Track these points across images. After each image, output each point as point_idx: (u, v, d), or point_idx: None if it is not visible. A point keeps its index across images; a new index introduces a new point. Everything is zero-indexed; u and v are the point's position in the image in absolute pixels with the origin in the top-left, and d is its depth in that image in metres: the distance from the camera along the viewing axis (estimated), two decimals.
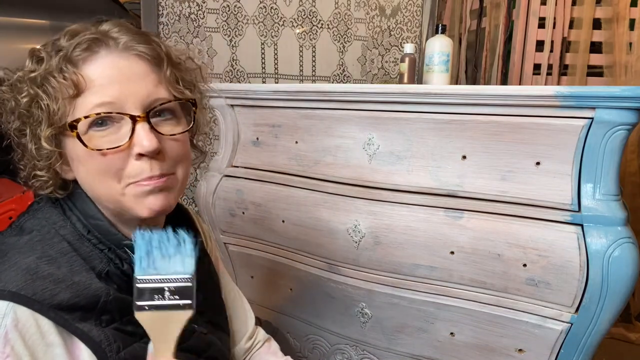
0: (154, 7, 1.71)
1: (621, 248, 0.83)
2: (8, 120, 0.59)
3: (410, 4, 1.94)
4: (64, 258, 0.56)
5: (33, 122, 0.57)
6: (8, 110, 0.59)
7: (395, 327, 1.10)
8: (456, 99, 0.93)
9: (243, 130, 1.28)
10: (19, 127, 0.59)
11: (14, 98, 0.58)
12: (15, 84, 0.58)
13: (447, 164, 0.98)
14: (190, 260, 0.53)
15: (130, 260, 0.59)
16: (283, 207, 1.18)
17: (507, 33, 1.92)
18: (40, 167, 0.59)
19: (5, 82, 0.58)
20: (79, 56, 0.56)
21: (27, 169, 0.60)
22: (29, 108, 0.57)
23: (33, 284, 0.52)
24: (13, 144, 0.61)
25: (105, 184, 0.58)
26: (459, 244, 0.97)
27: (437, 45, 1.23)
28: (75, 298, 0.54)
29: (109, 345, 0.57)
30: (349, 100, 1.05)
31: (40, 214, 0.61)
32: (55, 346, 0.53)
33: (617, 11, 1.74)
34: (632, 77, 1.73)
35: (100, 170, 0.57)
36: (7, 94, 0.59)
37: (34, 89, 0.56)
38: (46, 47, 0.58)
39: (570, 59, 1.83)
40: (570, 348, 0.92)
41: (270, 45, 1.85)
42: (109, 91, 0.55)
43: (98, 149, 0.55)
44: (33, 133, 0.57)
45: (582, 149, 0.86)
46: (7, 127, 0.59)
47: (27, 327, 0.51)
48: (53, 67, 0.56)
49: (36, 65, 0.58)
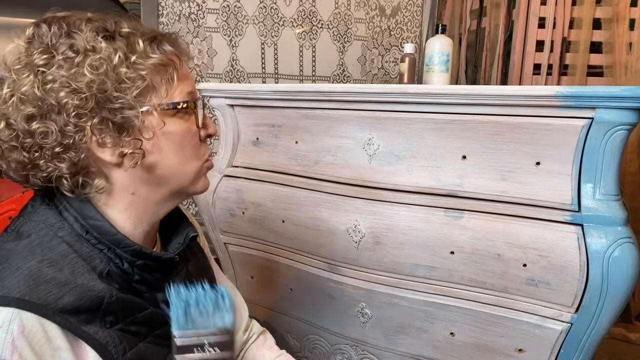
0: (154, 7, 1.71)
1: (621, 248, 0.83)
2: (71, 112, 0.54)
3: (410, 4, 1.94)
4: (65, 260, 0.56)
5: (116, 104, 0.55)
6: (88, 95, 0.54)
7: (395, 327, 1.10)
8: (456, 99, 0.93)
9: (243, 130, 1.28)
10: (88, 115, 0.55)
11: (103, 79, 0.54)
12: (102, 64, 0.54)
13: (447, 164, 0.98)
14: (229, 315, 0.53)
15: (129, 260, 0.60)
16: (283, 207, 1.18)
17: (507, 33, 1.92)
18: (75, 162, 0.56)
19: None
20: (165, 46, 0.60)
21: (51, 169, 0.56)
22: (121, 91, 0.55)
23: (37, 288, 0.52)
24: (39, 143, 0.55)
25: (189, 164, 0.63)
26: (459, 244, 0.97)
27: (437, 45, 1.23)
28: (80, 300, 0.54)
29: (115, 347, 0.56)
30: (349, 100, 1.05)
31: (36, 216, 0.59)
32: (62, 350, 0.53)
33: (617, 11, 1.74)
34: (632, 77, 1.73)
35: (191, 150, 0.63)
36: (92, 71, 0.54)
37: (143, 71, 0.56)
38: (95, 28, 0.56)
39: (570, 59, 1.83)
40: (570, 348, 0.92)
41: (270, 45, 1.85)
42: (190, 82, 0.62)
43: (205, 133, 0.64)
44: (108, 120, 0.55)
45: (582, 149, 0.86)
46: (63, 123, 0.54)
47: (33, 332, 0.50)
48: (140, 50, 0.57)
49: (120, 45, 0.56)
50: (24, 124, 0.53)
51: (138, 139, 0.57)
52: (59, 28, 0.55)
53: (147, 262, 0.62)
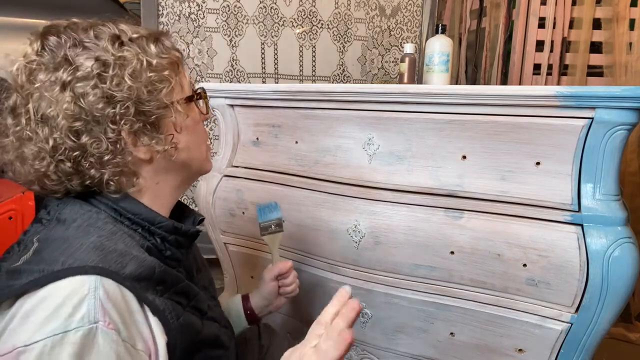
0: (154, 7, 1.71)
1: (621, 248, 0.83)
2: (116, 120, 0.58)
3: (410, 4, 1.94)
4: (116, 236, 0.59)
5: (146, 104, 0.59)
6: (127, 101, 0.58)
7: (395, 327, 1.10)
8: (456, 99, 0.93)
9: (243, 130, 1.28)
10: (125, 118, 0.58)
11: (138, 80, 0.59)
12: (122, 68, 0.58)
13: (447, 164, 0.98)
14: (278, 211, 1.01)
15: (162, 236, 0.65)
16: (283, 207, 1.17)
17: (507, 33, 1.92)
18: (119, 160, 0.60)
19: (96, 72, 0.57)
20: (165, 43, 0.64)
21: (98, 174, 0.59)
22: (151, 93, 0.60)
23: (105, 258, 0.54)
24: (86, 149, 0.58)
25: (202, 148, 0.71)
26: (459, 244, 0.97)
27: (437, 45, 1.23)
28: (139, 269, 0.57)
29: (169, 313, 0.59)
30: (349, 100, 1.05)
31: (70, 206, 0.61)
32: (137, 313, 0.55)
33: (617, 11, 1.74)
34: (632, 77, 1.73)
35: (201, 134, 0.71)
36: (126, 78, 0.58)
37: (165, 72, 0.61)
38: (101, 36, 0.59)
39: (570, 59, 1.83)
40: (570, 348, 0.92)
41: (270, 45, 1.85)
42: (185, 74, 0.68)
43: (204, 117, 0.70)
44: (141, 119, 0.60)
45: (582, 149, 0.86)
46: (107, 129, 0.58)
47: (115, 296, 0.53)
48: (153, 52, 0.61)
49: (133, 49, 0.59)
50: (72, 138, 0.56)
51: (171, 134, 0.63)
52: (69, 38, 0.57)
53: (177, 237, 0.67)
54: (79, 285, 0.51)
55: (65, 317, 0.49)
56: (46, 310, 0.49)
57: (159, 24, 1.73)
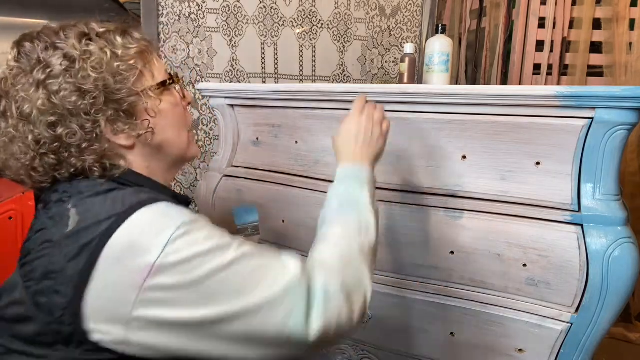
0: (154, 7, 1.71)
1: (621, 248, 0.83)
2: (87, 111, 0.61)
3: (410, 4, 1.94)
4: (152, 193, 0.64)
5: (118, 95, 0.63)
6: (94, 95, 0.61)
7: (395, 327, 1.10)
8: (456, 99, 0.93)
9: (243, 130, 1.28)
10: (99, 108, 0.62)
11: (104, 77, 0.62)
12: (96, 65, 0.62)
13: (447, 164, 0.98)
14: (255, 215, 1.07)
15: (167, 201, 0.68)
16: (283, 207, 1.17)
17: (507, 33, 1.92)
18: (101, 149, 0.64)
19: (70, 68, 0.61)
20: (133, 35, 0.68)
21: (80, 162, 0.63)
22: (118, 84, 0.63)
23: (148, 197, 0.60)
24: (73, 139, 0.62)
25: (181, 132, 0.73)
26: (459, 244, 0.97)
27: (437, 45, 1.22)
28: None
29: None
30: (349, 100, 1.05)
31: (84, 182, 0.64)
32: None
33: (617, 11, 1.74)
34: (632, 77, 1.73)
35: (181, 120, 0.73)
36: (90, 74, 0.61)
37: (131, 61, 0.65)
38: (70, 34, 0.63)
39: (570, 59, 1.83)
40: (570, 348, 0.91)
41: (270, 45, 1.85)
42: (161, 61, 0.71)
43: (186, 102, 0.74)
44: (115, 109, 0.63)
45: (582, 149, 0.86)
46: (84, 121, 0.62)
47: (187, 211, 0.59)
48: (120, 44, 0.64)
49: (103, 44, 0.63)
50: (49, 131, 0.61)
51: (146, 120, 0.66)
52: (41, 42, 0.62)
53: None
54: (152, 209, 0.57)
55: (168, 221, 0.55)
56: (146, 234, 0.54)
57: (159, 24, 1.73)
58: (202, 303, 0.53)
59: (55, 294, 0.54)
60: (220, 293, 0.54)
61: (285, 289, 0.56)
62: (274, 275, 0.57)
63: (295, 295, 0.57)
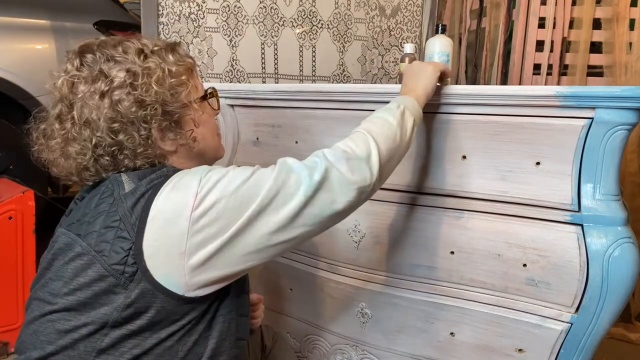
0: (154, 7, 1.71)
1: (621, 248, 0.83)
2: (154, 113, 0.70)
3: (410, 4, 1.94)
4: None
5: (178, 102, 0.72)
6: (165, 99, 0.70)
7: (395, 327, 1.10)
8: (456, 99, 0.93)
9: (243, 130, 1.28)
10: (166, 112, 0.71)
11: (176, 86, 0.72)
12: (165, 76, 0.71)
13: (447, 164, 0.98)
14: None
15: None
16: None
17: (507, 33, 1.92)
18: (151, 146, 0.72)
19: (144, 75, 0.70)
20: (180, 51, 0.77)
21: (132, 164, 0.70)
22: (179, 93, 0.73)
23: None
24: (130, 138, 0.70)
25: (215, 138, 0.82)
26: (459, 244, 0.97)
27: (437, 45, 1.22)
28: None
29: None
30: (349, 100, 1.05)
31: (140, 174, 0.71)
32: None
33: (617, 11, 1.74)
34: (632, 77, 1.73)
35: (214, 127, 0.82)
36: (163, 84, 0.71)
37: (182, 76, 0.73)
38: (129, 51, 0.71)
39: (570, 59, 1.83)
40: (570, 348, 0.91)
41: (270, 45, 1.85)
42: (198, 76, 0.80)
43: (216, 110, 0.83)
44: (173, 113, 0.72)
45: (582, 149, 0.86)
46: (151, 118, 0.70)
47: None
48: (171, 61, 0.73)
49: (159, 59, 0.72)
50: (111, 136, 0.68)
51: (190, 129, 0.75)
52: (102, 55, 0.69)
53: None
54: (190, 170, 0.68)
55: (200, 169, 0.67)
56: (186, 178, 0.65)
57: (159, 24, 1.73)
58: (245, 203, 0.63)
59: (120, 240, 0.62)
60: (258, 187, 0.64)
61: (298, 167, 0.70)
62: (290, 165, 0.70)
63: (300, 166, 0.70)
